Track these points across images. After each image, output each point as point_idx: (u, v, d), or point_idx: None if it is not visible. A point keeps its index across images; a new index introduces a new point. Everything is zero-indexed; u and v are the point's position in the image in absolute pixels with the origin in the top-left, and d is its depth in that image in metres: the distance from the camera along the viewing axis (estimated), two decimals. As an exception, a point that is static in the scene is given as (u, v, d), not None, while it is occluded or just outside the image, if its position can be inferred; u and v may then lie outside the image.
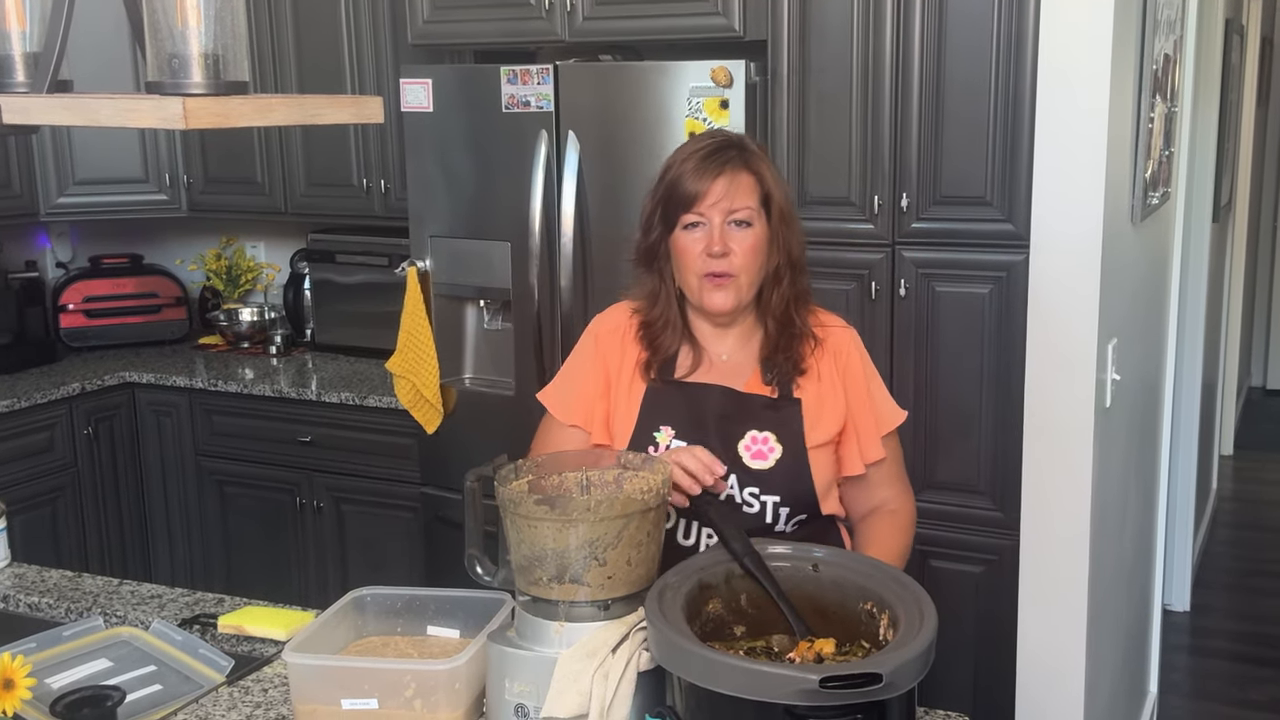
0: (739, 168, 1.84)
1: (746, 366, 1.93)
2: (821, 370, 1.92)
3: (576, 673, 1.48)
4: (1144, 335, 3.35)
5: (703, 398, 1.89)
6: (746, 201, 1.83)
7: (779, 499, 1.86)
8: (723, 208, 1.82)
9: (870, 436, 1.95)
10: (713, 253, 1.82)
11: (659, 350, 1.92)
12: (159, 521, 4.13)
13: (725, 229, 1.83)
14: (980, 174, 2.80)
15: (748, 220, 1.84)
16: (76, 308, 4.33)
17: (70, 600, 2.16)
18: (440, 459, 3.46)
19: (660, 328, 1.91)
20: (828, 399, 1.91)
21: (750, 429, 1.87)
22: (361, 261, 4.03)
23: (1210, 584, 4.91)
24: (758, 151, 1.88)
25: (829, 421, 1.90)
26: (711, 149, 1.85)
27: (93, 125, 1.25)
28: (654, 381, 1.91)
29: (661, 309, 1.91)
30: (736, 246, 1.83)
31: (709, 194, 1.82)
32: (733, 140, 1.88)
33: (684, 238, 1.85)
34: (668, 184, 1.86)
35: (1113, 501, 3.04)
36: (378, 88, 3.77)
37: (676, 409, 1.89)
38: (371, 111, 1.38)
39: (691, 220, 1.84)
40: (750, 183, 1.84)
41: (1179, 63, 3.42)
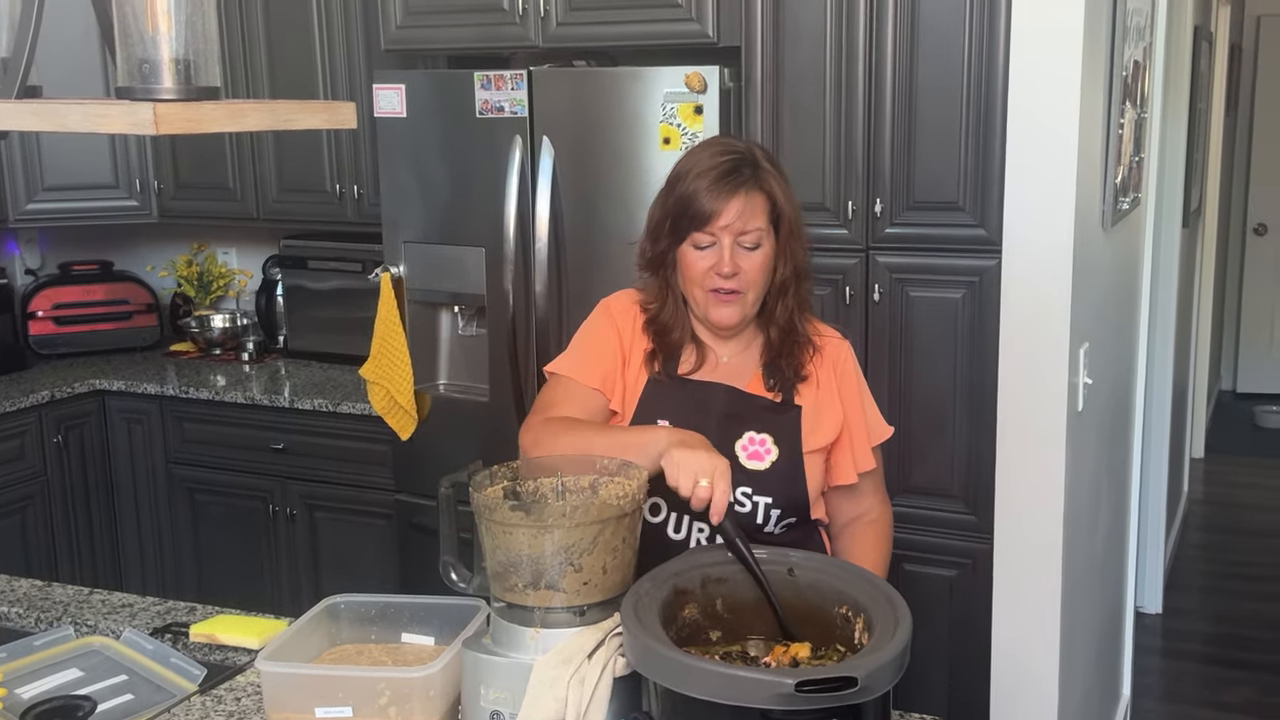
0: (753, 189, 1.83)
1: (748, 369, 1.94)
2: (821, 378, 1.94)
3: (552, 679, 1.48)
4: (1115, 339, 3.38)
5: (706, 395, 1.91)
6: (758, 224, 1.84)
7: (771, 500, 1.88)
8: (734, 229, 1.83)
9: (863, 447, 1.97)
10: (722, 273, 1.83)
11: (666, 346, 1.93)
12: (130, 530, 4.10)
13: (735, 249, 1.84)
14: (953, 179, 2.81)
15: (757, 242, 1.84)
16: (46, 315, 4.30)
17: (40, 610, 2.14)
18: (414, 465, 3.45)
19: (670, 327, 1.93)
20: (825, 406, 1.93)
21: (750, 429, 1.88)
22: (334, 267, 4.01)
23: (1182, 586, 4.94)
24: (770, 168, 1.87)
25: (826, 428, 1.93)
26: (727, 169, 1.83)
27: (62, 131, 1.24)
28: (657, 375, 1.92)
29: (670, 312, 1.93)
30: (745, 266, 1.84)
31: (722, 216, 1.82)
32: (746, 157, 1.86)
33: (693, 253, 1.86)
34: (680, 199, 1.85)
35: (1085, 505, 3.06)
36: (350, 93, 3.76)
37: (677, 404, 1.90)
38: (344, 117, 1.37)
39: (703, 240, 1.84)
40: (762, 203, 1.84)
41: (1148, 69, 3.44)
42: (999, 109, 2.73)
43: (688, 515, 1.88)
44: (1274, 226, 7.67)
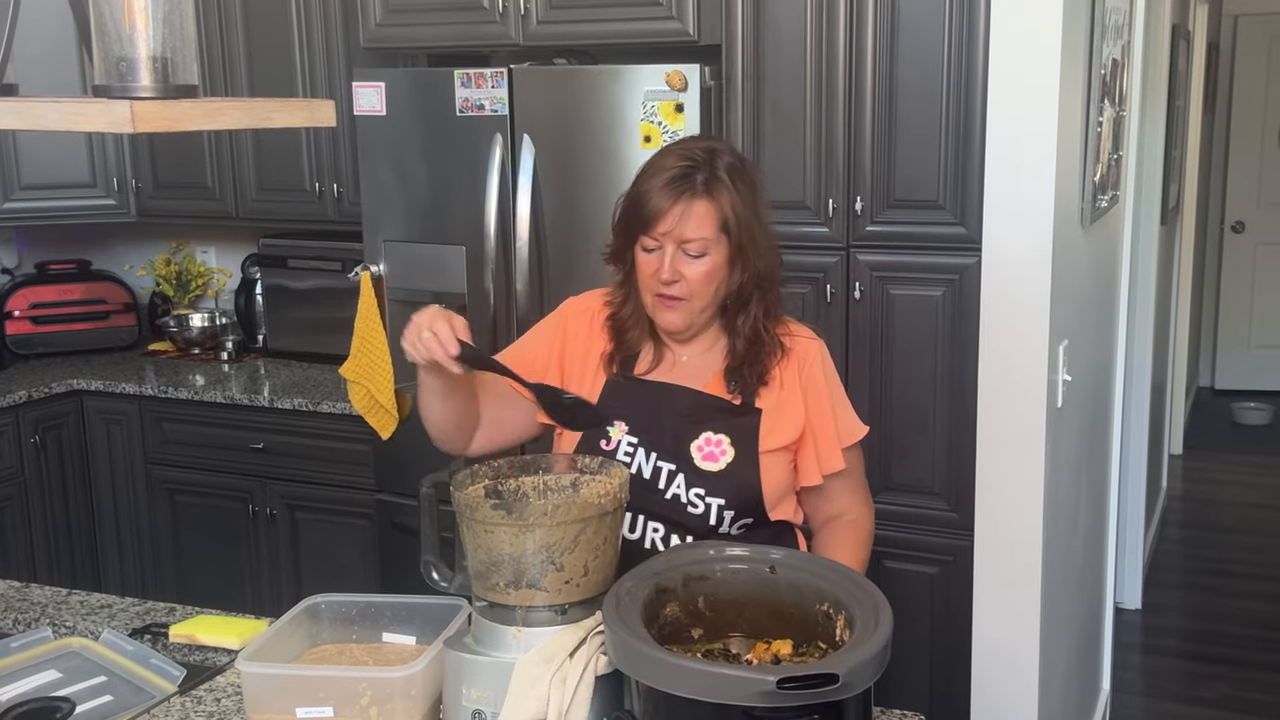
0: (698, 196, 1.81)
1: (708, 369, 1.93)
2: (785, 379, 1.92)
3: (534, 678, 1.48)
4: (1094, 336, 3.39)
5: (662, 396, 1.90)
6: (700, 233, 1.81)
7: (724, 502, 1.86)
8: (675, 236, 1.81)
9: (830, 448, 1.95)
10: (661, 279, 1.83)
11: (624, 345, 1.93)
12: (109, 531, 4.07)
13: (678, 256, 1.82)
14: (933, 178, 2.82)
15: (702, 251, 1.82)
16: (23, 314, 4.26)
17: (18, 611, 2.13)
18: (395, 465, 3.44)
19: (629, 325, 1.93)
20: (786, 407, 1.92)
21: (706, 431, 1.87)
22: (314, 266, 4.00)
23: (1161, 582, 4.97)
24: (727, 178, 1.83)
25: (785, 429, 1.91)
26: (678, 174, 1.82)
27: (39, 129, 1.23)
28: (615, 375, 1.92)
29: (631, 308, 1.92)
30: (688, 274, 1.83)
31: (662, 222, 1.81)
32: (701, 161, 1.83)
33: (642, 255, 1.86)
34: (632, 198, 1.86)
35: (1065, 501, 3.08)
36: (330, 91, 3.74)
37: (634, 405, 1.89)
38: (323, 115, 1.37)
39: (649, 244, 1.84)
40: (706, 211, 1.81)
41: (1127, 68, 3.46)
42: (979, 107, 2.74)
43: (642, 515, 1.87)
44: (1251, 224, 7.72)
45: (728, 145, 1.91)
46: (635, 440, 1.87)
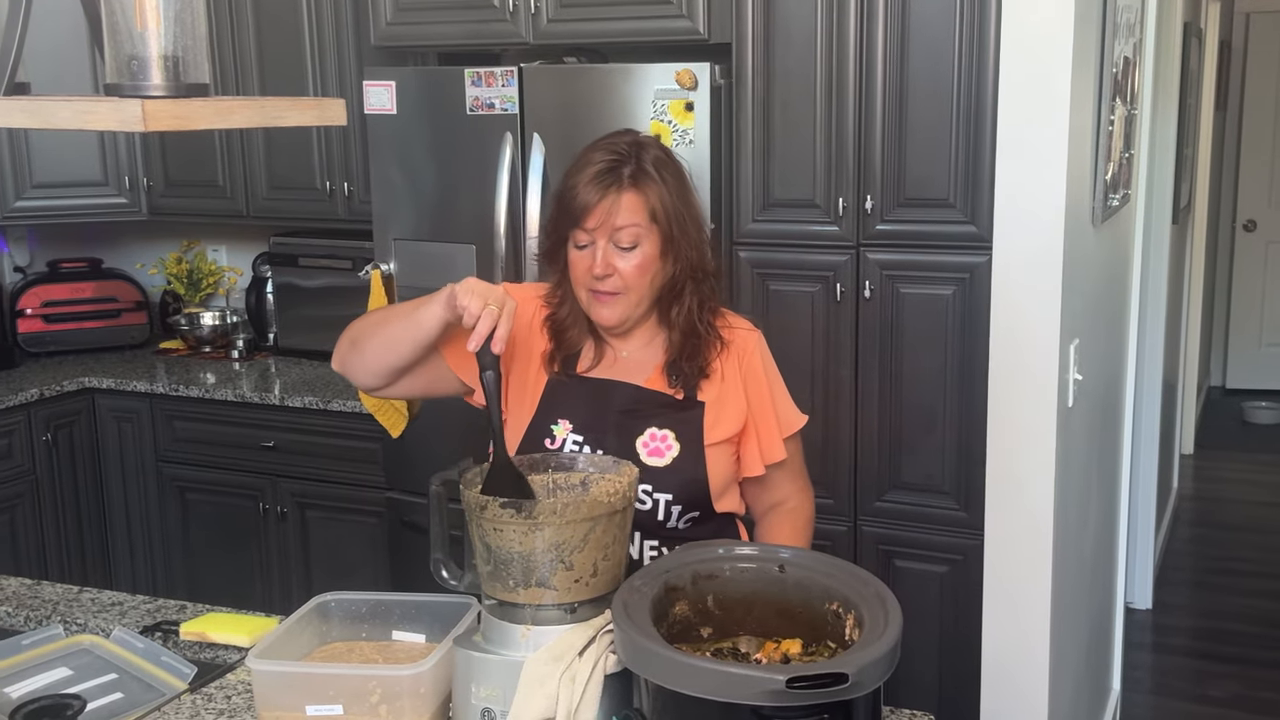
0: (624, 189, 1.81)
1: (648, 364, 1.93)
2: (725, 371, 1.93)
3: (543, 676, 1.48)
4: (1105, 336, 3.38)
5: (605, 393, 1.90)
6: (631, 221, 1.82)
7: (671, 497, 1.87)
8: (606, 229, 1.82)
9: (771, 438, 1.96)
10: (595, 274, 1.83)
11: (564, 344, 1.92)
12: (120, 528, 4.09)
13: (610, 249, 1.83)
14: (943, 176, 2.82)
15: (634, 242, 1.82)
16: (35, 313, 4.28)
17: (29, 608, 2.14)
18: (405, 463, 3.45)
19: (567, 325, 1.92)
20: (728, 399, 1.92)
21: (650, 426, 1.88)
22: (324, 265, 4.00)
23: (1172, 582, 4.96)
24: (652, 168, 1.84)
25: (728, 421, 1.91)
26: (604, 167, 1.82)
27: (51, 128, 1.24)
28: (556, 375, 1.92)
29: (568, 308, 1.92)
30: (621, 266, 1.83)
31: (592, 217, 1.81)
32: (627, 155, 1.84)
33: (574, 252, 1.86)
34: (560, 196, 1.86)
35: (1075, 500, 3.07)
36: (340, 90, 3.75)
37: (576, 403, 1.89)
38: (334, 114, 1.37)
39: (581, 239, 1.84)
40: (635, 203, 1.82)
41: (1138, 66, 3.45)
42: (989, 105, 2.74)
43: None
44: (1263, 223, 7.69)
45: (652, 139, 1.92)
46: (580, 438, 1.87)
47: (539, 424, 1.89)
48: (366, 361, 1.88)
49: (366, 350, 1.87)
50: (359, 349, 1.88)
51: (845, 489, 3.03)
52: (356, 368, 1.90)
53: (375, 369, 1.88)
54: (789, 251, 3.00)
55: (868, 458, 3.00)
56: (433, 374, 1.91)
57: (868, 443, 3.00)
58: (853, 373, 2.98)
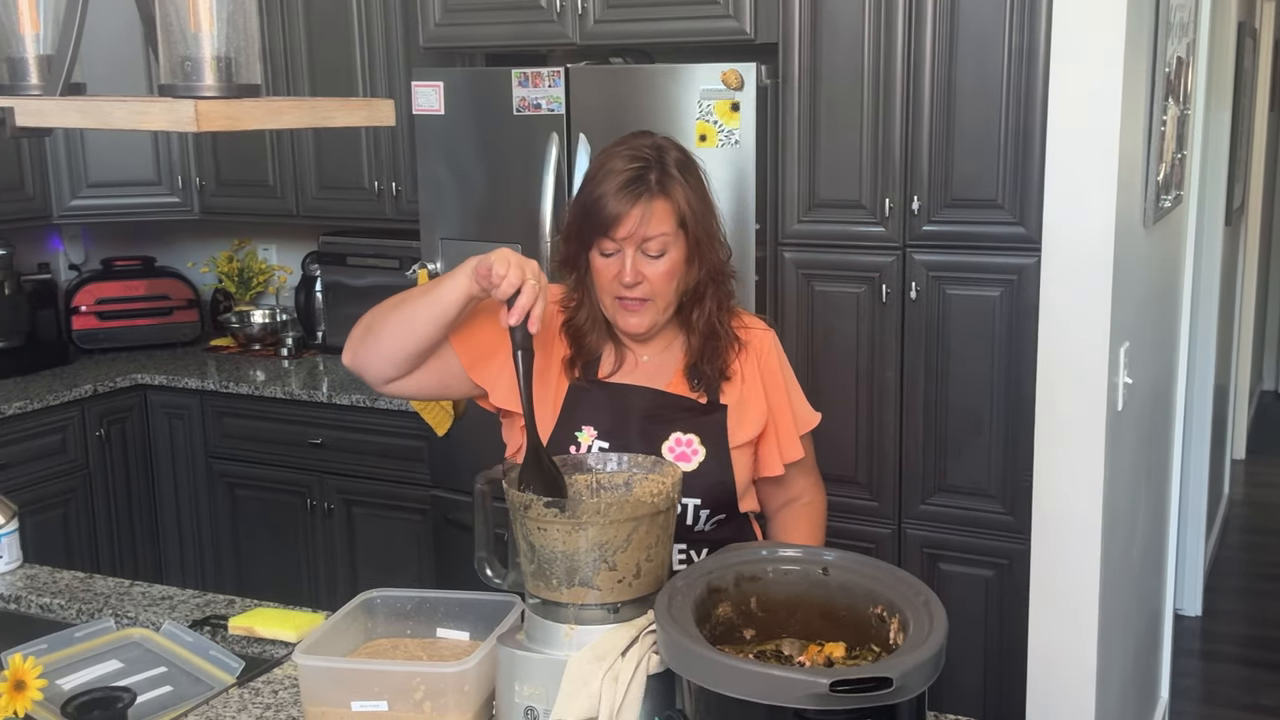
0: (654, 196, 1.79)
1: (669, 368, 1.92)
2: (745, 373, 1.92)
3: (586, 675, 1.48)
4: (1156, 339, 3.34)
5: (627, 399, 1.88)
6: (661, 229, 1.79)
7: (700, 501, 1.86)
8: (636, 238, 1.79)
9: (790, 437, 1.95)
10: (624, 282, 1.81)
11: (583, 350, 1.90)
12: (170, 523, 4.14)
13: (638, 258, 1.80)
14: (992, 176, 2.80)
15: (662, 250, 1.80)
16: (89, 310, 4.35)
17: (82, 601, 2.17)
18: (450, 461, 3.47)
19: (586, 330, 1.89)
20: (750, 401, 1.91)
21: (675, 431, 1.86)
22: (372, 264, 4.03)
23: (1222, 588, 4.89)
24: (678, 173, 1.81)
25: (751, 423, 1.91)
26: (631, 175, 1.79)
27: (105, 128, 1.25)
28: (578, 381, 1.89)
29: (586, 313, 1.89)
30: (650, 274, 1.81)
31: (622, 225, 1.78)
32: (651, 160, 1.81)
33: (599, 260, 1.83)
34: (585, 205, 1.82)
35: (1124, 505, 3.03)
36: (389, 90, 3.78)
37: (599, 410, 1.87)
38: (383, 114, 1.38)
39: (607, 248, 1.81)
40: (665, 210, 1.80)
41: (1192, 65, 3.41)
42: (1039, 105, 2.71)
43: None
44: (1319, 225, 7.56)
45: (669, 140, 1.89)
46: (605, 445, 1.84)
47: (562, 431, 1.87)
48: (383, 347, 1.81)
49: (383, 335, 1.81)
50: (374, 335, 1.82)
51: (890, 492, 3.01)
52: (371, 356, 1.83)
53: (391, 355, 1.81)
54: (834, 252, 2.99)
55: (913, 460, 2.98)
56: (443, 368, 1.86)
57: (913, 445, 2.98)
58: (898, 375, 2.96)
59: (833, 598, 1.57)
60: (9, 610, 2.21)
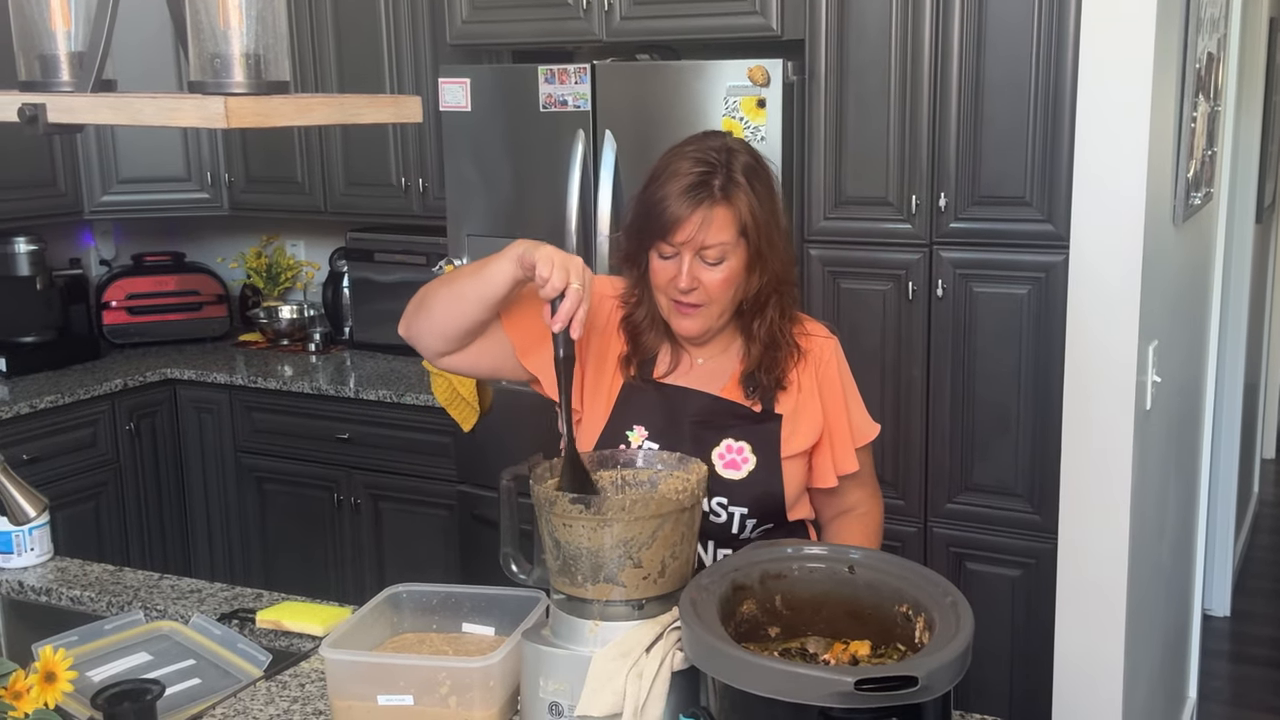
0: (717, 203, 1.75)
1: (724, 371, 1.89)
2: (802, 382, 1.88)
3: (611, 672, 1.48)
4: (1185, 337, 3.32)
5: (681, 401, 1.86)
6: (720, 238, 1.76)
7: (746, 510, 1.84)
8: (694, 244, 1.76)
9: (845, 449, 1.91)
10: (679, 287, 1.78)
11: (640, 348, 1.87)
12: (199, 517, 4.17)
13: (695, 263, 1.77)
14: (1019, 174, 2.78)
15: (720, 257, 1.77)
16: (119, 305, 4.38)
17: (111, 594, 2.19)
18: (476, 457, 3.48)
19: (644, 328, 1.87)
20: (805, 410, 1.88)
21: (727, 438, 1.83)
22: (400, 260, 4.05)
23: (1251, 590, 4.85)
24: (744, 180, 1.77)
25: (805, 433, 1.87)
26: (695, 180, 1.75)
27: (136, 124, 1.26)
28: (632, 379, 1.87)
29: (645, 310, 1.87)
30: (706, 280, 1.78)
31: (681, 230, 1.75)
32: (718, 164, 1.77)
33: (657, 260, 1.80)
34: (647, 204, 1.79)
35: (1152, 505, 3.01)
36: (416, 87, 3.79)
37: (652, 410, 1.84)
38: (410, 111, 1.39)
39: (666, 250, 1.78)
40: (726, 218, 1.76)
41: (1222, 61, 3.38)
42: (1068, 101, 2.70)
43: None
44: (1352, 222, 7.47)
45: (741, 143, 1.84)
46: (655, 446, 1.82)
47: (614, 428, 1.86)
48: (434, 321, 1.82)
49: (435, 309, 1.82)
50: (426, 309, 1.83)
51: (916, 490, 3.00)
52: (423, 329, 1.84)
53: (442, 330, 1.82)
54: (861, 249, 2.98)
55: (939, 459, 2.97)
56: (496, 349, 1.86)
57: (939, 444, 2.97)
58: (924, 373, 2.95)
59: (858, 596, 1.57)
60: (40, 602, 2.23)
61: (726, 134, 1.87)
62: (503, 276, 1.73)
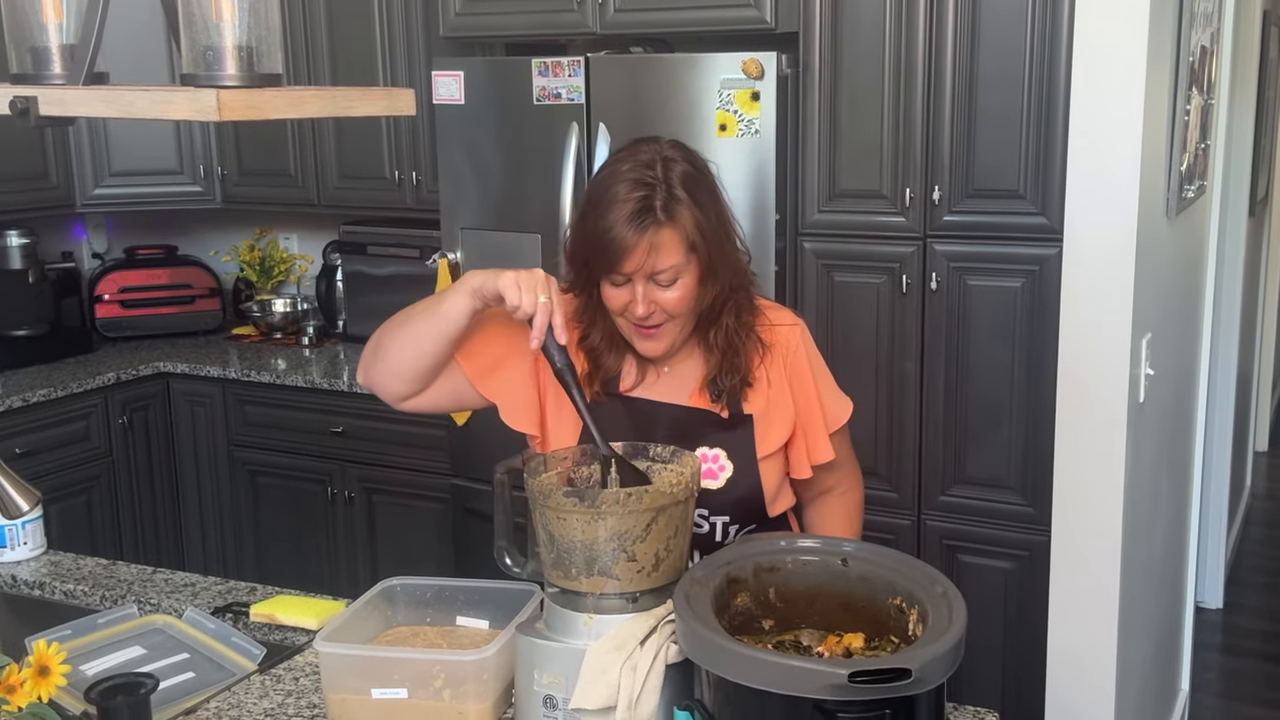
0: (661, 226, 1.69)
1: (691, 376, 1.85)
2: (771, 376, 1.85)
3: (605, 665, 1.49)
4: (1178, 330, 3.32)
5: (650, 414, 1.83)
6: (670, 260, 1.71)
7: (728, 518, 1.83)
8: (644, 272, 1.71)
9: (818, 438, 1.88)
10: (637, 315, 1.74)
11: (601, 366, 1.84)
12: (192, 510, 4.17)
13: (650, 288, 1.73)
14: (1013, 167, 2.78)
15: (673, 279, 1.73)
16: (112, 298, 4.37)
17: (105, 588, 2.19)
18: (470, 451, 3.48)
19: (601, 349, 1.83)
20: (776, 406, 1.85)
21: (701, 446, 1.81)
22: (393, 253, 4.04)
23: (1243, 582, 4.86)
24: (684, 193, 1.71)
25: (779, 430, 1.85)
26: (636, 206, 1.68)
27: (128, 117, 1.26)
28: (596, 394, 1.82)
29: (600, 333, 1.82)
30: (663, 300, 1.73)
31: (629, 260, 1.70)
32: (656, 184, 1.70)
33: (610, 289, 1.76)
34: (590, 236, 1.72)
35: (1145, 497, 3.02)
36: (409, 80, 3.78)
37: (622, 425, 1.80)
38: (403, 104, 1.38)
39: (617, 279, 1.73)
40: (673, 239, 1.70)
41: (1216, 55, 3.38)
42: (1061, 95, 2.70)
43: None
44: (1345, 216, 7.48)
45: (674, 147, 1.77)
46: None
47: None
48: (392, 365, 1.80)
49: (391, 353, 1.79)
50: (382, 354, 1.80)
51: (909, 483, 3.01)
52: (382, 373, 1.82)
53: (401, 372, 1.80)
54: (855, 242, 2.98)
55: (932, 452, 2.97)
56: (454, 383, 1.83)
57: (933, 437, 2.97)
58: (918, 366, 2.96)
59: (852, 589, 1.57)
60: (33, 596, 2.23)
61: (657, 140, 1.79)
62: (459, 310, 1.71)
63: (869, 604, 1.55)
